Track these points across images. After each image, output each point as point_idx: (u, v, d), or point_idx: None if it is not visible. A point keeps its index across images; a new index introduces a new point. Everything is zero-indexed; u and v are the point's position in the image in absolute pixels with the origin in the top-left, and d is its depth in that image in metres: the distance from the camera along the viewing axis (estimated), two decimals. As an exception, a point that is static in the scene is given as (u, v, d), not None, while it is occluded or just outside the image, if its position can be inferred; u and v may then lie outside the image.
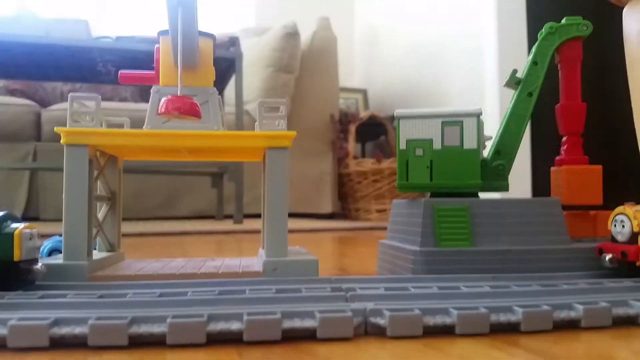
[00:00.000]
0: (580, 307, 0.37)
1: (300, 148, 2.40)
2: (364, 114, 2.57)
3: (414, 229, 0.53)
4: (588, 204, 0.60)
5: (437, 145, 0.55)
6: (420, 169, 0.55)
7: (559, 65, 0.62)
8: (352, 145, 2.51)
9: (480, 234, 0.52)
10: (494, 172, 0.57)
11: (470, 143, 0.54)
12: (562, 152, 0.62)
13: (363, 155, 2.97)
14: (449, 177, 0.55)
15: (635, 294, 0.42)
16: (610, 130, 1.82)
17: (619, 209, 0.50)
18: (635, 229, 0.47)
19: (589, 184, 0.60)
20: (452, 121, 0.55)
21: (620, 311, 0.38)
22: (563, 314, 0.37)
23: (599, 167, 0.60)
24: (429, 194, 0.57)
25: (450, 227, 0.52)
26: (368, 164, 2.42)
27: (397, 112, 0.56)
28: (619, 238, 0.49)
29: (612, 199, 0.58)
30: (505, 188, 0.57)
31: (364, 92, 3.15)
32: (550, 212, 0.54)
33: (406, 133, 0.56)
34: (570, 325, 0.37)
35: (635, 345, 0.34)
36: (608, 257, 0.48)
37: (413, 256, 0.51)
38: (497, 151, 0.58)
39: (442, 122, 0.55)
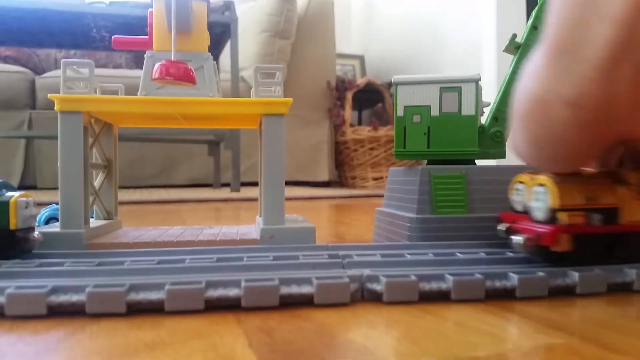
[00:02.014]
0: (575, 273, 0.37)
1: (297, 115, 2.39)
2: (360, 81, 2.55)
3: (411, 196, 0.53)
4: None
5: (435, 111, 0.55)
6: (418, 135, 0.55)
7: None
8: (348, 113, 2.50)
9: (476, 200, 0.52)
10: (491, 139, 0.57)
11: (468, 109, 0.54)
12: None
13: (360, 122, 2.96)
14: (447, 144, 0.54)
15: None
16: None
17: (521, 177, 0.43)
18: (555, 205, 0.39)
19: None
20: (451, 87, 0.54)
21: (615, 277, 0.38)
22: (559, 280, 0.37)
23: None
24: (426, 162, 0.57)
25: (447, 194, 0.52)
26: (365, 131, 2.42)
27: (395, 78, 0.56)
28: (537, 215, 0.40)
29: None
30: (502, 155, 0.57)
31: (361, 59, 3.12)
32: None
33: (404, 99, 0.55)
34: (566, 292, 0.37)
35: (629, 311, 0.34)
36: (515, 239, 0.40)
37: (409, 223, 0.51)
38: (495, 118, 0.57)
39: (441, 88, 0.54)
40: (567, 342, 0.28)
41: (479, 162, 0.57)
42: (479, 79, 0.54)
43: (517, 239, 0.40)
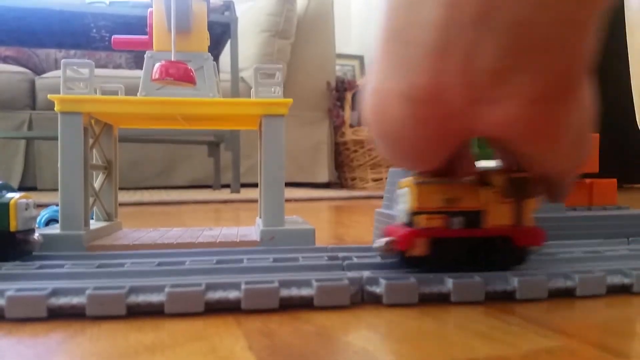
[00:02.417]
0: (576, 275, 0.37)
1: (296, 116, 2.39)
2: (360, 81, 2.55)
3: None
4: (584, 172, 0.60)
5: None
6: None
7: None
8: (348, 113, 2.50)
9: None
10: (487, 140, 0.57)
11: None
12: None
13: (360, 123, 2.96)
14: None
15: (630, 262, 0.42)
16: (607, 97, 1.82)
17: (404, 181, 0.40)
18: (413, 208, 0.38)
19: (591, 152, 0.59)
20: None
21: (615, 280, 0.38)
22: (558, 283, 0.37)
23: (596, 135, 0.60)
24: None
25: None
26: (364, 132, 2.42)
27: None
28: (401, 219, 0.40)
29: (608, 167, 0.58)
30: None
31: (360, 59, 3.12)
32: (547, 181, 0.54)
33: None
34: (566, 294, 0.37)
35: (629, 313, 0.34)
36: (377, 244, 0.39)
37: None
38: None
39: None
40: (567, 345, 0.28)
41: (477, 164, 0.57)
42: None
43: (378, 243, 0.38)
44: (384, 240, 0.38)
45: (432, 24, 0.24)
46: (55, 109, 0.48)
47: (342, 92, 2.53)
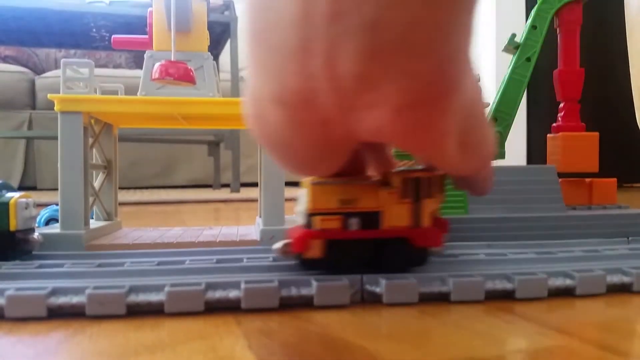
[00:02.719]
0: (576, 274, 0.37)
1: (297, 115, 2.38)
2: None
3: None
4: (584, 172, 0.60)
5: None
6: None
7: (557, 30, 0.61)
8: (348, 113, 2.50)
9: (476, 201, 0.52)
10: None
11: None
12: (559, 118, 0.62)
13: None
14: None
15: (630, 261, 0.42)
16: (607, 97, 1.82)
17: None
18: (309, 209, 0.37)
19: (585, 151, 0.59)
20: None
21: (615, 279, 0.38)
22: (558, 282, 0.37)
23: (596, 134, 0.60)
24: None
25: (447, 195, 0.52)
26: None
27: None
28: (300, 220, 0.39)
29: (608, 166, 0.58)
30: (501, 155, 0.57)
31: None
32: (546, 180, 0.54)
33: None
34: (565, 293, 0.37)
35: (629, 313, 0.34)
36: (275, 246, 0.38)
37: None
38: (494, 118, 0.57)
39: None
40: (567, 344, 0.28)
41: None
42: (478, 79, 0.54)
43: (276, 245, 0.38)
44: (281, 242, 0.37)
45: (289, 23, 0.22)
46: (55, 108, 0.48)
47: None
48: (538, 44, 0.58)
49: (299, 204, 0.39)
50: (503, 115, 0.57)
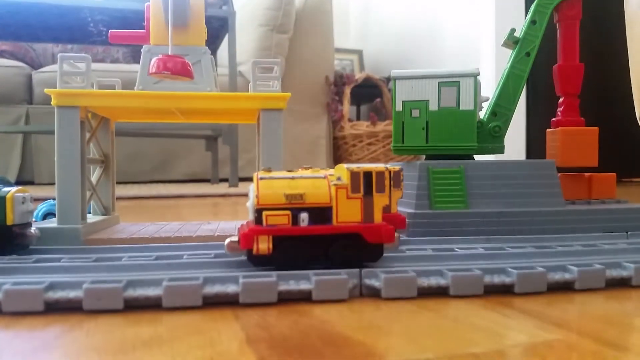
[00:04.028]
0: (575, 269, 0.37)
1: (295, 110, 2.38)
2: (359, 76, 2.55)
3: (410, 191, 0.53)
4: (583, 166, 0.60)
5: (433, 106, 0.54)
6: (416, 130, 0.55)
7: (557, 25, 0.61)
8: (346, 108, 2.50)
9: (475, 196, 0.52)
10: (490, 134, 0.57)
11: (467, 104, 0.54)
12: (559, 113, 0.62)
13: (358, 117, 2.95)
14: (445, 139, 0.54)
15: (629, 256, 0.42)
16: (607, 92, 1.82)
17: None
18: (257, 205, 0.36)
19: (584, 146, 0.59)
20: (449, 82, 0.54)
21: (613, 273, 0.38)
22: (557, 276, 0.37)
23: (595, 129, 0.60)
24: (424, 157, 0.57)
25: (445, 190, 0.52)
26: (363, 126, 2.42)
27: (394, 72, 0.56)
28: (250, 216, 0.38)
29: (607, 161, 0.58)
30: (500, 150, 0.57)
31: (359, 53, 3.11)
32: (545, 174, 0.54)
33: (402, 94, 0.55)
34: (565, 287, 0.37)
35: (628, 307, 0.34)
36: (226, 241, 0.37)
37: (408, 218, 0.51)
38: (494, 112, 0.57)
39: (439, 83, 0.54)
40: (565, 338, 0.28)
41: (477, 157, 0.57)
42: (478, 74, 0.54)
43: (226, 241, 0.37)
44: (229, 238, 0.37)
45: None
46: (52, 103, 0.48)
47: (340, 86, 2.52)
48: (537, 38, 0.58)
49: (248, 198, 0.38)
50: (502, 110, 0.57)
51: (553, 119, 0.62)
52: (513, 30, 0.58)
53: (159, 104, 0.50)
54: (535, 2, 0.59)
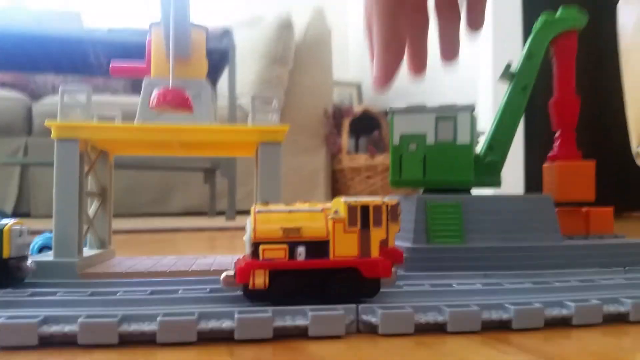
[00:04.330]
0: (572, 304, 0.37)
1: (293, 143, 2.40)
2: (357, 109, 2.57)
3: (407, 225, 0.53)
4: (580, 201, 0.60)
5: (430, 140, 0.55)
6: (414, 164, 0.55)
7: (553, 59, 0.62)
8: (345, 140, 2.51)
9: (472, 230, 0.52)
10: (487, 168, 0.57)
11: (463, 138, 0.54)
12: (555, 147, 0.62)
13: (357, 150, 2.96)
14: (442, 172, 0.55)
15: (627, 291, 0.42)
16: (602, 125, 1.83)
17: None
18: (253, 238, 0.36)
19: (581, 180, 0.59)
20: (446, 116, 0.55)
21: (611, 308, 0.38)
22: (555, 312, 0.37)
23: (592, 163, 0.60)
24: (422, 190, 0.57)
25: (443, 224, 0.52)
26: (361, 159, 2.43)
27: (392, 107, 0.56)
28: (247, 250, 0.38)
29: (604, 195, 0.58)
30: (497, 184, 0.57)
31: (358, 86, 3.14)
32: (542, 209, 0.54)
33: (400, 128, 0.56)
34: (562, 323, 0.37)
35: (625, 342, 0.34)
36: (222, 276, 0.37)
37: (406, 253, 0.51)
38: (490, 146, 0.58)
39: (436, 117, 0.55)
40: (564, 376, 0.27)
41: (475, 191, 0.57)
42: (474, 108, 0.55)
43: (222, 275, 0.37)
44: (225, 273, 0.37)
45: None
46: (52, 135, 0.48)
47: (339, 119, 2.54)
48: (534, 73, 0.58)
49: (245, 232, 0.38)
50: (499, 144, 0.57)
51: (550, 154, 0.63)
52: (509, 65, 0.59)
53: (159, 136, 0.51)
54: (531, 36, 0.60)
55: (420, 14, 0.51)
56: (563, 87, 0.61)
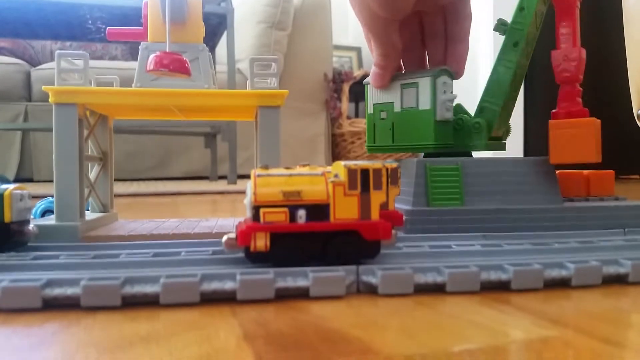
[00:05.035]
0: (571, 265, 0.37)
1: (293, 108, 2.38)
2: (357, 73, 2.55)
3: (407, 188, 0.53)
4: (584, 162, 0.53)
5: (397, 107, 0.57)
6: (384, 131, 0.58)
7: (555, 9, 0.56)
8: (345, 105, 2.50)
9: (472, 193, 0.52)
10: (471, 131, 0.56)
11: (424, 104, 0.55)
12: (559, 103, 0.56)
13: (356, 115, 2.95)
14: (408, 138, 0.57)
15: (626, 252, 0.42)
16: (604, 88, 1.82)
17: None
18: (254, 202, 0.36)
19: (580, 139, 0.52)
20: (409, 83, 0.56)
21: (610, 269, 0.38)
22: (554, 273, 0.37)
23: (594, 120, 0.53)
24: (422, 154, 0.57)
25: (443, 187, 0.52)
26: (361, 124, 2.42)
27: (366, 80, 0.59)
28: (248, 213, 0.38)
29: (606, 158, 0.56)
30: (482, 146, 0.55)
31: (357, 50, 3.11)
32: (542, 172, 0.54)
33: (373, 98, 0.59)
34: (561, 284, 0.37)
35: (624, 303, 0.34)
36: (224, 238, 0.37)
37: (406, 215, 0.51)
38: (481, 109, 0.56)
39: (401, 85, 0.56)
40: (562, 335, 0.28)
41: (476, 155, 0.57)
42: (438, 74, 0.54)
43: (224, 238, 0.37)
44: (227, 235, 0.37)
45: None
46: (49, 100, 0.48)
47: (339, 83, 2.52)
48: (526, 27, 0.54)
49: (246, 195, 0.38)
50: (489, 106, 0.56)
51: (553, 110, 0.57)
52: (501, 20, 0.55)
53: (157, 101, 0.50)
54: None
55: (410, 26, 0.58)
56: (565, 37, 0.54)
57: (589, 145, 0.52)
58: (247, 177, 0.39)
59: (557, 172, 0.55)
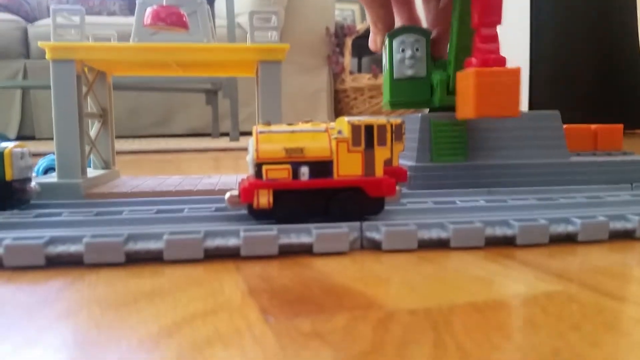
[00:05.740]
0: (578, 220, 0.37)
1: (295, 63, 2.35)
2: (360, 27, 2.50)
3: (411, 144, 0.52)
4: (502, 116, 0.45)
5: (386, 67, 0.55)
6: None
7: None
8: (348, 60, 2.46)
9: (477, 148, 0.51)
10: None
11: (386, 64, 0.54)
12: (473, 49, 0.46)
13: (359, 70, 2.91)
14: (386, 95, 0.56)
15: (633, 208, 0.42)
16: (613, 43, 1.78)
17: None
18: (256, 159, 0.36)
19: (502, 91, 0.44)
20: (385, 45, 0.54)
21: (617, 225, 0.38)
22: (560, 228, 0.37)
23: (517, 69, 0.44)
24: (427, 110, 0.56)
25: (447, 142, 0.51)
26: (364, 79, 2.39)
27: (390, 31, 0.54)
28: (250, 170, 0.38)
29: (612, 113, 0.55)
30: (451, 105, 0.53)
31: (360, 4, 3.04)
32: (549, 126, 0.53)
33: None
34: (567, 239, 0.37)
35: (630, 259, 0.34)
36: (227, 195, 0.37)
37: (409, 171, 0.51)
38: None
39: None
40: (566, 289, 0.28)
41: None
42: (395, 35, 0.53)
43: (226, 195, 0.37)
44: (229, 192, 0.37)
45: None
46: (46, 56, 0.47)
47: (341, 38, 2.48)
48: None
49: (248, 152, 0.37)
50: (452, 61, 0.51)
51: (466, 58, 0.47)
52: None
53: (154, 56, 0.49)
54: None
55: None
56: None
57: (512, 98, 0.44)
58: (250, 133, 0.39)
59: (565, 126, 0.54)
